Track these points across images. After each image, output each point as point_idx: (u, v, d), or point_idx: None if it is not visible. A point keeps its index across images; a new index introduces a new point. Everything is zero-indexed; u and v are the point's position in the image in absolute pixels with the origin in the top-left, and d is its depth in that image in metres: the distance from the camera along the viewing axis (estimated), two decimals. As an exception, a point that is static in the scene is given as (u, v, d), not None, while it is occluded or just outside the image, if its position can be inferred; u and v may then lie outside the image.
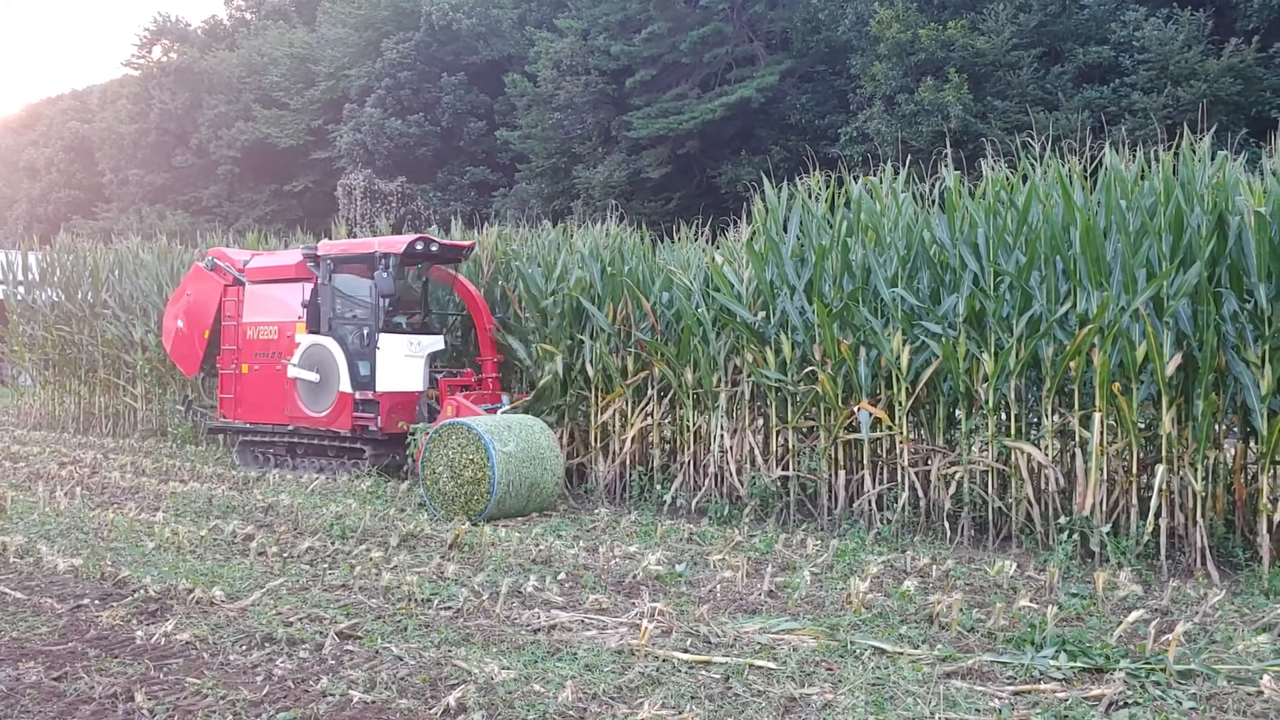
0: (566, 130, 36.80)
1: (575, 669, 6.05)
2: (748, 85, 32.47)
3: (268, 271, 14.42)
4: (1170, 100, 24.69)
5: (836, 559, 8.81)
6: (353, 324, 13.30)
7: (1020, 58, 27.87)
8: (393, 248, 12.87)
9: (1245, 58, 24.83)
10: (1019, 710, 5.48)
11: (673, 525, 10.24)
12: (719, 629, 6.79)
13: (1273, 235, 8.45)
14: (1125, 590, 7.74)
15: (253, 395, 14.29)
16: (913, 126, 27.16)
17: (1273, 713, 5.48)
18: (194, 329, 15.21)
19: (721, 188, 33.42)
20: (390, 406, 12.99)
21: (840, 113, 31.94)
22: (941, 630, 6.85)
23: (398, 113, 41.43)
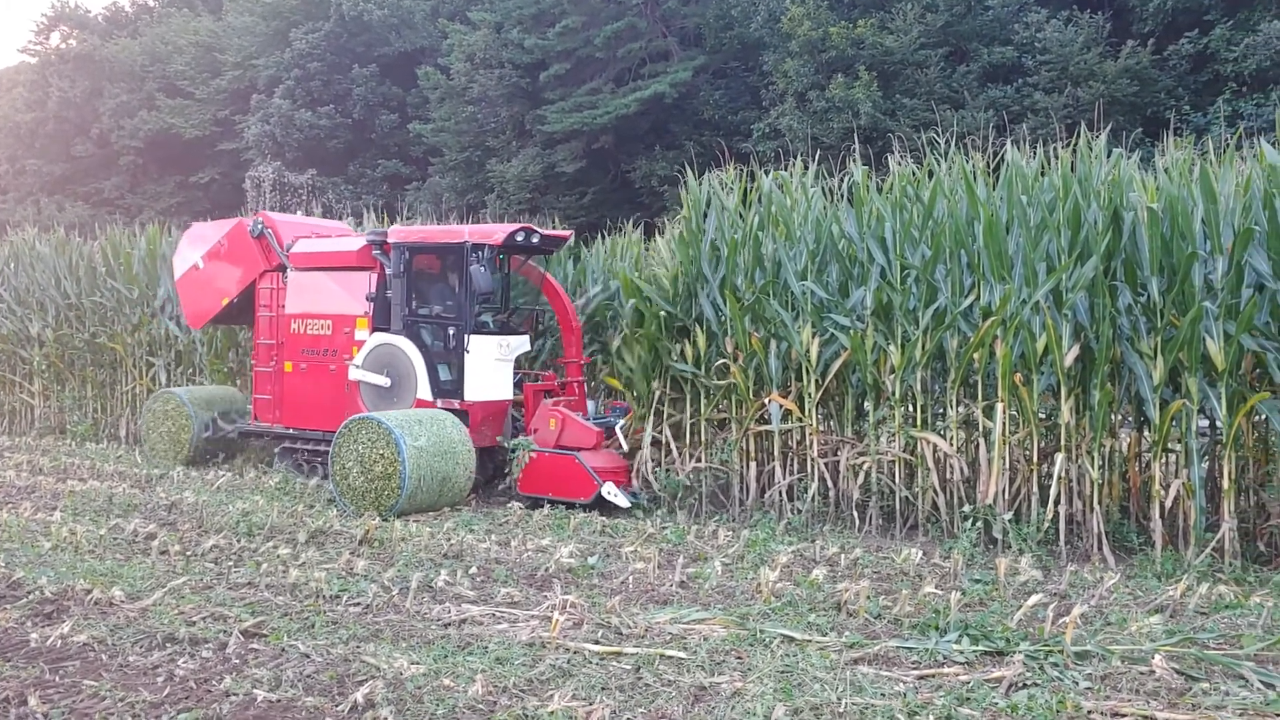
0: (480, 124, 36.51)
1: (486, 662, 6.03)
2: (662, 80, 32.55)
3: (320, 258, 12.62)
4: (1070, 100, 25.35)
5: (747, 549, 8.90)
6: (433, 322, 11.74)
7: (928, 57, 28.39)
8: (489, 237, 11.37)
9: (1141, 60, 25.61)
10: (923, 694, 5.60)
11: (585, 518, 10.24)
12: (630, 620, 6.81)
13: (1164, 231, 8.73)
14: (1026, 575, 7.95)
15: (298, 397, 12.66)
16: (824, 123, 27.50)
17: (1164, 690, 5.68)
18: (213, 284, 13.53)
19: (636, 182, 33.47)
20: (482, 418, 11.49)
21: (753, 109, 32.19)
22: (849, 617, 6.97)
23: (308, 104, 40.68)
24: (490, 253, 11.32)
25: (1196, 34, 25.80)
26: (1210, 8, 26.14)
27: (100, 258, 17.34)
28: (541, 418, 11.36)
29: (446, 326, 11.60)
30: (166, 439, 14.09)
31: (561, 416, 11.12)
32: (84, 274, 17.35)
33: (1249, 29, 24.40)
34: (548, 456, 11.02)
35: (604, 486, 10.60)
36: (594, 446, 10.99)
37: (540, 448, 11.11)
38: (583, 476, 10.75)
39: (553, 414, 11.19)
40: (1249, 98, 23.94)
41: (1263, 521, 8.86)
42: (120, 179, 48.74)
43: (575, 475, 10.81)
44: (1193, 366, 8.60)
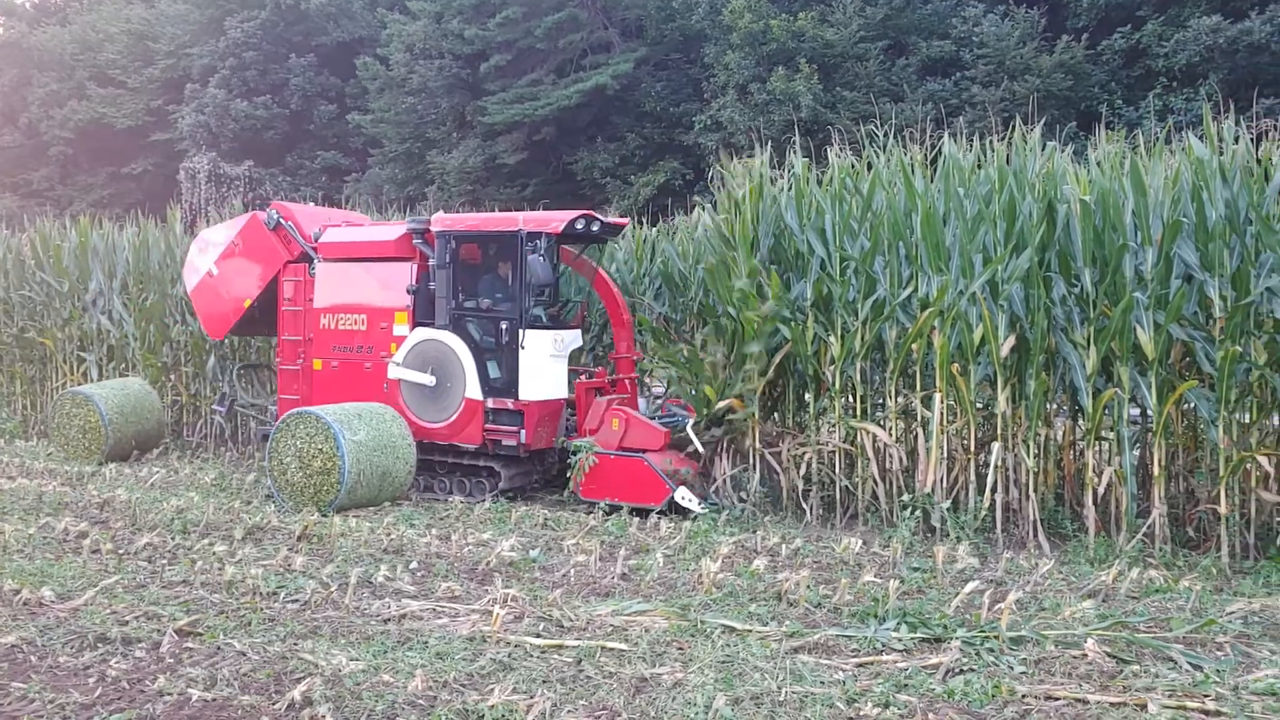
0: (420, 115, 36.17)
1: (426, 657, 5.99)
2: (603, 72, 32.46)
3: (353, 248, 11.79)
4: (1007, 94, 25.67)
5: (689, 540, 8.92)
6: (483, 316, 11.01)
7: (867, 50, 28.60)
8: (546, 225, 10.69)
9: (1075, 54, 26.00)
10: (861, 681, 5.66)
11: (527, 511, 10.21)
12: (572, 613, 6.81)
13: (1096, 223, 8.88)
14: (963, 563, 8.06)
15: (329, 397, 11.57)
16: (765, 115, 27.60)
17: (1096, 673, 5.79)
18: (230, 288, 12.54)
19: (578, 174, 33.39)
20: (539, 418, 10.79)
21: (694, 101, 32.23)
22: (790, 607, 7.02)
23: (244, 94, 40.02)
24: (548, 241, 10.78)
25: (1129, 29, 26.24)
26: (1142, 4, 26.62)
27: (29, 250, 16.94)
28: (604, 417, 10.68)
29: (498, 321, 10.86)
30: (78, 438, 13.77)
31: (626, 416, 10.49)
32: (12, 267, 16.95)
33: (1179, 25, 24.87)
34: (613, 459, 10.32)
35: (676, 491, 9.96)
36: (661, 448, 10.35)
37: (603, 449, 10.42)
38: (653, 480, 10.08)
39: (616, 413, 10.54)
40: (1179, 92, 24.42)
41: (1191, 507, 9.05)
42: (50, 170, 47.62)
43: (645, 479, 10.13)
44: (1124, 356, 8.76)
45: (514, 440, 10.69)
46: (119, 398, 13.84)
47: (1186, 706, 5.26)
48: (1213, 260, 8.53)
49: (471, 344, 10.86)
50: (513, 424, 10.71)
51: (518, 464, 11.02)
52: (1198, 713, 5.20)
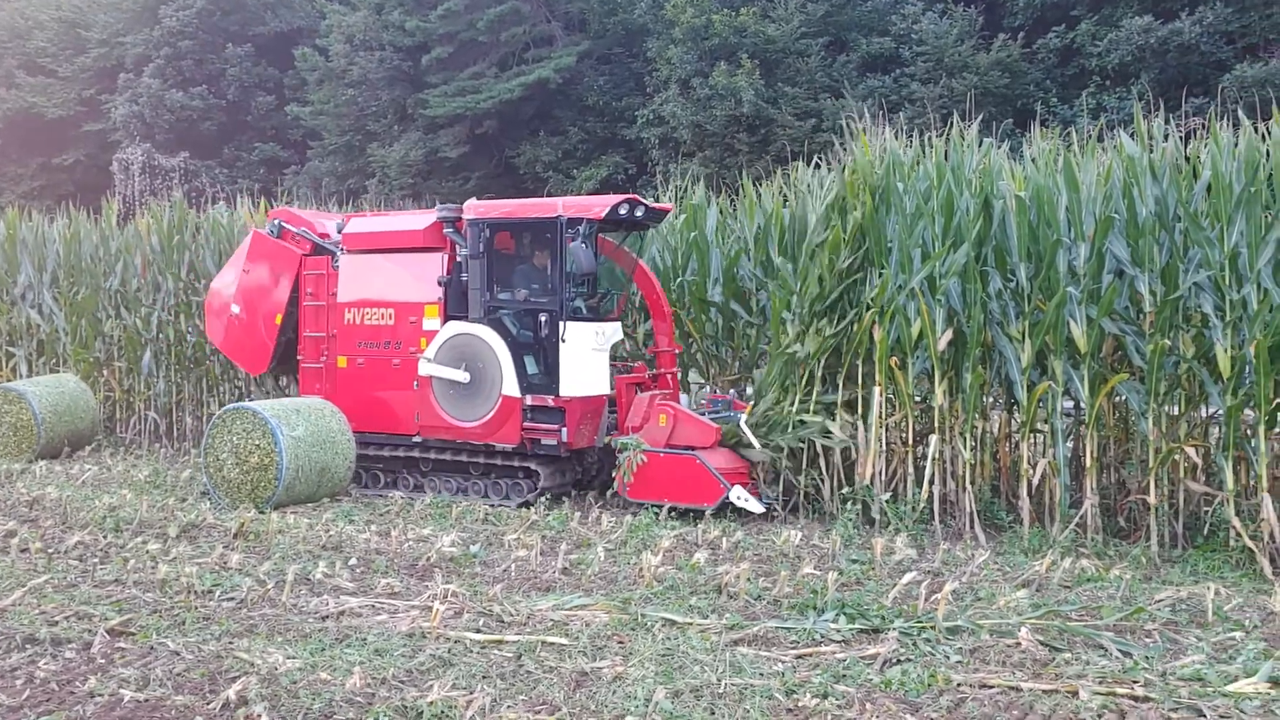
0: (361, 107, 35.78)
1: (364, 654, 5.94)
2: (545, 66, 32.35)
3: (379, 238, 11.25)
4: (945, 91, 25.98)
5: (630, 534, 8.93)
6: (520, 308, 10.48)
7: (809, 46, 28.78)
8: (588, 211, 10.14)
9: (1011, 53, 26.39)
10: (800, 672, 5.70)
11: (468, 506, 10.15)
12: (512, 608, 6.78)
13: (1031, 218, 9.02)
14: (901, 554, 8.16)
15: (354, 397, 11.12)
16: (707, 110, 27.68)
17: (1029, 661, 5.89)
18: (257, 314, 11.84)
19: (520, 168, 33.25)
20: (581, 415, 10.22)
21: (637, 95, 32.23)
22: (730, 600, 7.05)
23: (179, 84, 39.28)
24: (590, 228, 10.14)
25: (1063, 29, 26.67)
26: (1076, 3, 27.06)
27: (-45, 243, 16.48)
28: (649, 413, 10.13)
29: (537, 313, 10.31)
30: (9, 435, 13.46)
31: (674, 412, 9.94)
32: (-63, 260, 16.49)
33: (1112, 25, 25.32)
34: (663, 457, 9.76)
35: (732, 490, 9.46)
36: (712, 445, 9.83)
37: (651, 447, 9.85)
38: (706, 479, 9.56)
39: (662, 409, 9.98)
40: (1112, 91, 24.86)
41: (1122, 497, 9.24)
42: (-23, 160, 46.43)
43: (697, 478, 9.61)
44: (1058, 349, 8.91)
45: (554, 439, 10.13)
46: (53, 396, 13.53)
47: (1116, 693, 5.36)
48: (1143, 256, 8.71)
49: (508, 338, 10.31)
50: (553, 422, 10.15)
51: (558, 464, 10.50)
52: (1127, 699, 5.31)
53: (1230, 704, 5.23)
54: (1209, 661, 5.84)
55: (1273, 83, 21.20)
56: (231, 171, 38.54)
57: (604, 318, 10.74)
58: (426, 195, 29.72)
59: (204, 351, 14.27)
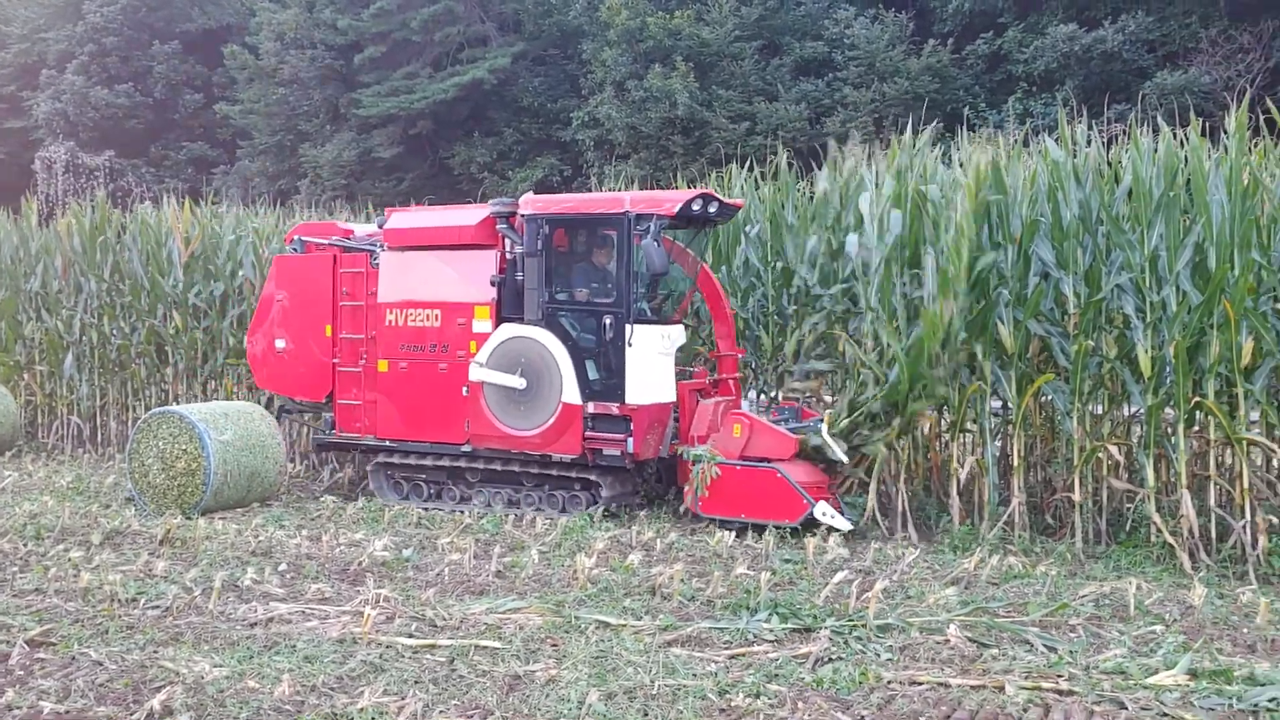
0: (292, 106, 35.27)
1: (293, 661, 5.85)
2: (480, 66, 32.14)
3: (424, 234, 10.56)
4: (878, 95, 26.28)
5: (564, 537, 8.92)
6: (582, 310, 9.88)
7: (742, 49, 28.93)
8: (658, 206, 9.51)
9: (941, 58, 26.76)
10: (733, 672, 5.73)
11: (401, 510, 10.06)
12: (445, 612, 6.74)
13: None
14: (833, 554, 8.24)
15: (396, 403, 10.53)
16: (642, 112, 27.71)
17: (958, 658, 5.98)
18: (306, 336, 11.10)
19: (455, 169, 33.02)
20: (648, 424, 9.64)
21: (572, 97, 32.17)
22: (664, 601, 7.07)
23: (104, 81, 38.40)
24: (661, 224, 9.50)
25: (991, 36, 27.11)
26: (1003, 11, 27.52)
27: None
28: (722, 422, 9.60)
29: (600, 315, 9.70)
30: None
31: (750, 421, 9.31)
32: None
33: (1038, 32, 25.79)
34: (740, 470, 9.17)
35: (816, 506, 8.89)
36: (790, 457, 9.21)
37: (725, 459, 9.25)
38: (788, 494, 8.96)
39: (738, 419, 9.38)
40: (1038, 97, 25.32)
41: (1049, 495, 9.42)
42: (-109, 158, 45.04)
43: (778, 493, 9.00)
44: (986, 350, 9.06)
45: (618, 449, 9.56)
46: None
47: (1041, 687, 5.46)
48: (1067, 258, 8.89)
49: (568, 341, 9.72)
50: (617, 431, 9.59)
51: (620, 475, 9.88)
52: (1052, 693, 5.41)
53: (1151, 696, 5.35)
54: (1130, 655, 5.98)
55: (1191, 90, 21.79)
56: (158, 171, 37.79)
57: (668, 320, 10.23)
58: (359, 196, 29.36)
59: (129, 354, 13.98)
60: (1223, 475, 8.52)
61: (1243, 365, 8.14)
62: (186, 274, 13.55)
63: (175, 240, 13.60)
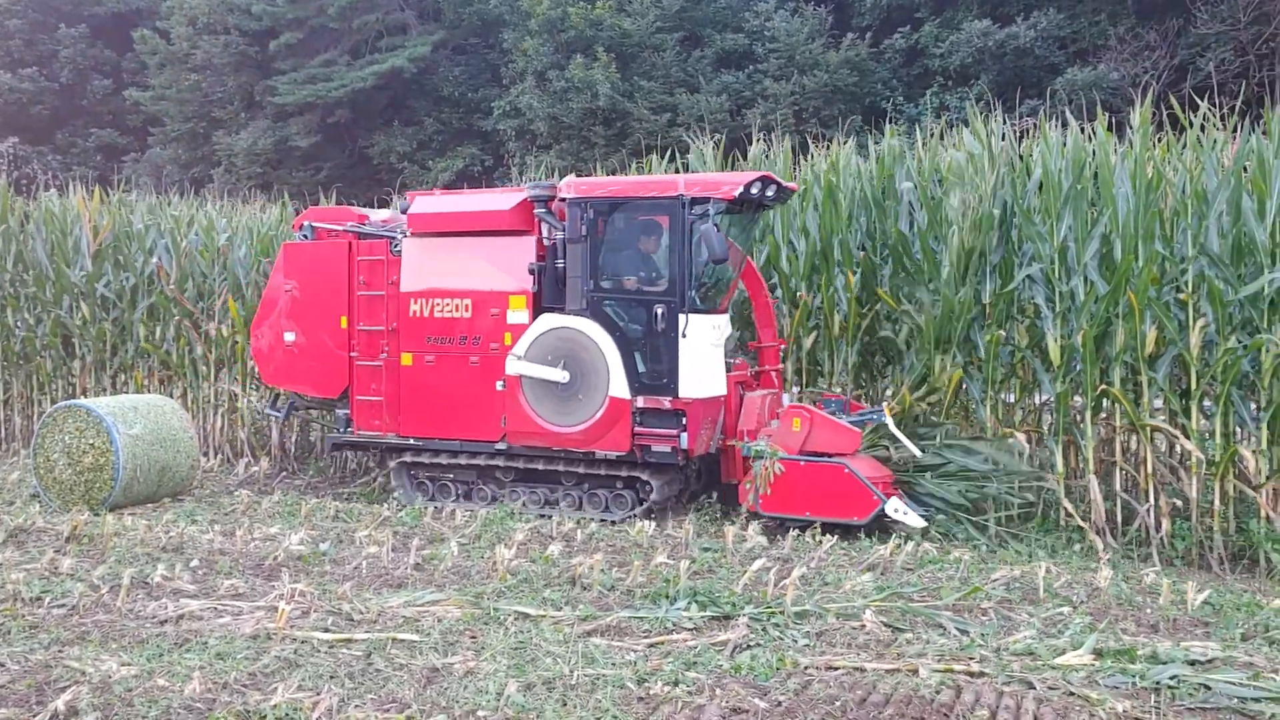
0: (205, 93, 34.53)
1: (205, 658, 5.74)
2: (399, 55, 31.77)
3: (453, 219, 9.92)
4: (797, 88, 26.54)
5: (484, 528, 8.86)
6: (631, 299, 9.39)
7: (664, 40, 29.00)
8: (715, 190, 8.99)
9: (860, 52, 27.11)
10: (653, 661, 5.75)
11: (319, 504, 9.91)
12: (362, 605, 6.66)
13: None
14: (752, 542, 8.31)
15: (423, 398, 9.90)
16: (564, 103, 27.64)
17: (873, 642, 6.07)
18: (319, 328, 10.44)
19: (374, 158, 32.61)
20: (702, 419, 9.18)
21: (493, 86, 31.95)
22: (584, 591, 7.07)
23: (7, 65, 37.17)
24: (719, 209, 8.99)
25: (908, 30, 27.53)
26: (920, 6, 27.95)
27: None
28: (767, 416, 9.33)
29: (652, 304, 9.19)
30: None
31: (810, 415, 8.86)
32: None
33: (954, 27, 26.26)
34: (805, 466, 8.73)
35: (888, 503, 8.50)
36: (853, 452, 8.83)
37: (787, 454, 8.79)
38: (857, 491, 8.56)
39: (797, 412, 8.93)
40: (954, 91, 25.76)
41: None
42: None
43: (846, 489, 8.60)
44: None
45: (669, 445, 9.07)
46: None
47: (954, 669, 5.57)
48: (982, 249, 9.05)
49: (615, 332, 9.21)
50: (669, 426, 9.09)
51: (669, 473, 9.41)
52: (964, 675, 5.51)
53: (1058, 676, 5.49)
54: (1039, 636, 6.12)
55: (1100, 86, 22.34)
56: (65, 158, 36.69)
57: (716, 310, 9.66)
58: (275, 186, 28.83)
59: (34, 346, 13.57)
60: (1128, 461, 8.76)
61: (1146, 354, 8.38)
62: (95, 264, 13.19)
63: (84, 229, 13.22)
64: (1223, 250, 8.18)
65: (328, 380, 10.48)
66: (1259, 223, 7.98)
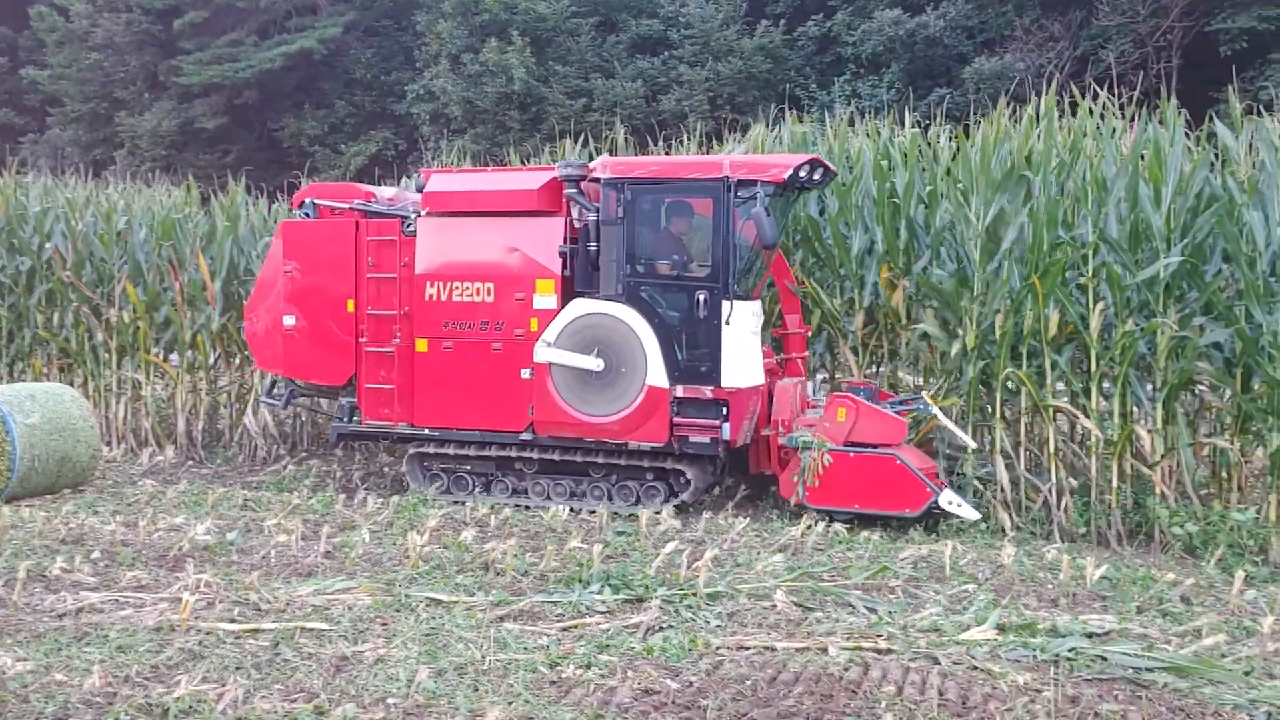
0: (107, 72, 33.51)
1: (106, 652, 5.59)
2: (309, 35, 31.18)
3: (475, 199, 9.42)
4: (712, 74, 26.64)
5: (397, 515, 8.77)
6: (670, 284, 9.00)
7: (579, 25, 28.87)
8: (763, 172, 8.63)
9: (774, 39, 27.29)
10: (565, 644, 5.75)
11: (226, 493, 9.72)
12: (270, 595, 6.54)
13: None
14: (665, 525, 8.35)
15: (440, 386, 9.40)
16: (479, 87, 27.38)
17: (784, 622, 6.15)
18: (322, 313, 9.81)
19: (284, 141, 31.98)
20: (744, 409, 8.87)
21: (407, 69, 31.52)
22: (497, 576, 7.04)
23: (-107, 42, 35.79)
24: (768, 192, 8.66)
25: (821, 18, 27.78)
26: (833, -6, 28.28)
27: None
28: (803, 405, 9.10)
29: (693, 290, 8.82)
30: None
31: (855, 404, 8.59)
32: None
33: (865, 16, 26.55)
34: (854, 458, 8.49)
35: (941, 495, 8.28)
36: (899, 443, 8.62)
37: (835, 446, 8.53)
38: (910, 482, 8.34)
39: (841, 402, 8.65)
40: (866, 79, 26.10)
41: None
42: None
43: (898, 481, 8.37)
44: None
45: (710, 436, 8.74)
46: None
47: (862, 647, 5.66)
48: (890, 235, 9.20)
49: (653, 319, 8.86)
50: (708, 417, 8.75)
51: (705, 465, 9.19)
52: (871, 652, 5.62)
53: (963, 651, 5.62)
54: (945, 613, 6.26)
55: (1007, 76, 22.77)
56: (-43, 139, 35.35)
57: (751, 296, 9.27)
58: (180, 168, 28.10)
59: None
60: (1032, 441, 8.97)
61: (1050, 337, 8.59)
62: (-12, 248, 12.74)
63: (-25, 212, 12.75)
64: (1121, 236, 8.41)
65: (332, 367, 9.87)
66: (1155, 209, 8.22)
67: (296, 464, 11.23)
